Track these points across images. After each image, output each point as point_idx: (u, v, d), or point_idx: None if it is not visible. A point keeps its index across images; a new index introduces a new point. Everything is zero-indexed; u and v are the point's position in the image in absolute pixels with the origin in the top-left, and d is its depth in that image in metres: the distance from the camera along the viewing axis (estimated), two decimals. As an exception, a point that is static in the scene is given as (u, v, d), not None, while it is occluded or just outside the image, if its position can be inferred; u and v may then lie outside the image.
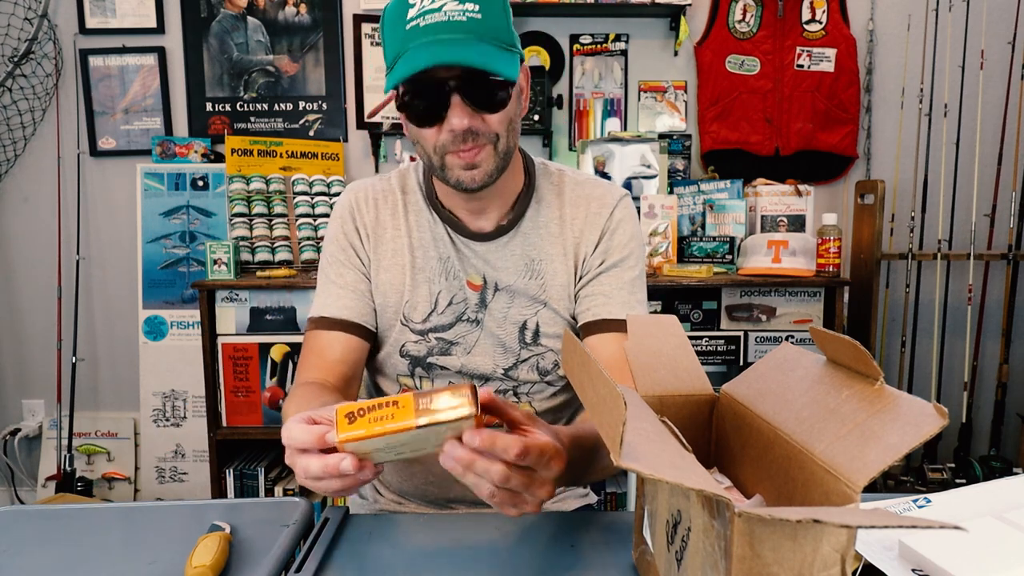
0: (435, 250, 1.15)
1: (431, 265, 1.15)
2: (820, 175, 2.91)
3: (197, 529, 0.83)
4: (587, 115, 2.93)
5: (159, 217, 2.88)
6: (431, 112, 0.98)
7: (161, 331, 2.89)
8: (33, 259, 3.02)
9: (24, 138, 2.93)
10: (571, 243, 1.15)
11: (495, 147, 1.02)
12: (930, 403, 0.51)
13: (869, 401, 0.57)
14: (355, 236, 1.17)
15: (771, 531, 0.50)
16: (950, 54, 2.77)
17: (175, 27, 2.91)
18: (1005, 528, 0.67)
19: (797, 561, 0.50)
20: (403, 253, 1.16)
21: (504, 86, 0.98)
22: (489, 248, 1.15)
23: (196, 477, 2.88)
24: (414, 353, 1.17)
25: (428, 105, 0.98)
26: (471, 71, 0.95)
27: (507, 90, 0.99)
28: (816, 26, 2.83)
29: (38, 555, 0.82)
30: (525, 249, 1.15)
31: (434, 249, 1.15)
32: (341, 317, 1.14)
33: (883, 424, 0.54)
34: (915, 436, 0.50)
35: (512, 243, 1.15)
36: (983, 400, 2.90)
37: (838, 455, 0.55)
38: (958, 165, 2.82)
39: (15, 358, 3.09)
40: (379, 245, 1.17)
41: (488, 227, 1.15)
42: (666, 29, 2.90)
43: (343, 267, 1.17)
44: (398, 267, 1.16)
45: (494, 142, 1.01)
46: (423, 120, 1.00)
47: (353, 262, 1.17)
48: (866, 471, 0.52)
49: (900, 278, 2.90)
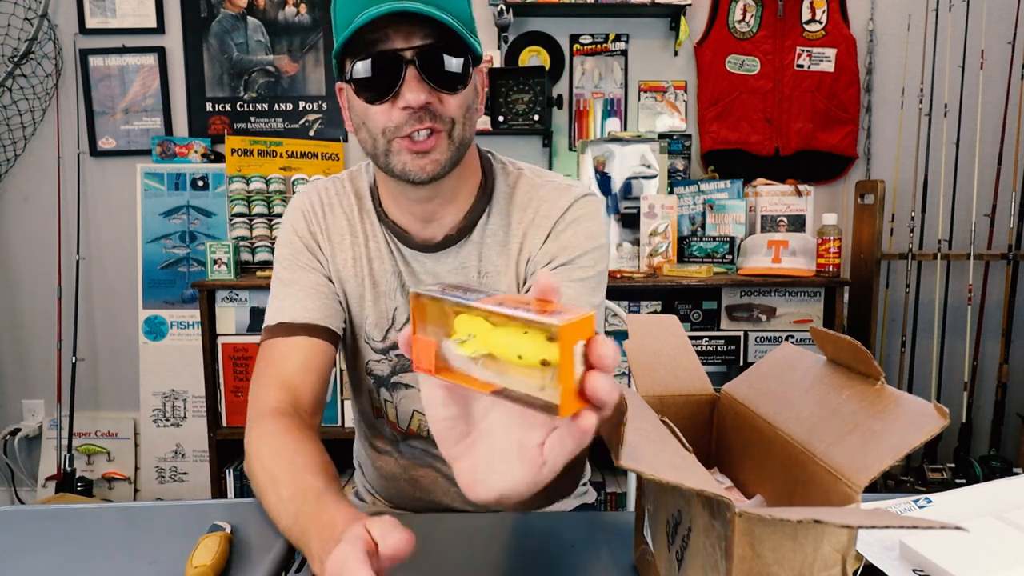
0: (391, 262, 1.07)
1: (387, 279, 1.07)
2: (820, 175, 2.91)
3: (197, 529, 0.82)
4: (587, 115, 2.93)
5: (159, 217, 2.88)
6: (384, 85, 0.89)
7: (161, 331, 2.89)
8: (33, 259, 3.02)
9: (24, 138, 2.93)
10: (514, 251, 1.05)
11: (450, 135, 0.93)
12: (930, 403, 0.51)
13: (870, 401, 0.57)
14: (311, 240, 1.08)
15: (772, 531, 0.50)
16: (950, 54, 2.77)
17: (175, 27, 2.91)
18: (1006, 528, 0.67)
19: (798, 561, 0.50)
20: (361, 264, 1.07)
21: (465, 67, 0.91)
22: (438, 260, 1.06)
23: (196, 477, 2.88)
24: (378, 372, 1.11)
25: (381, 76, 0.89)
26: (430, 43, 0.88)
27: (468, 70, 0.92)
28: (816, 26, 2.83)
29: (38, 555, 0.82)
30: (473, 261, 1.06)
31: (390, 261, 1.07)
32: (302, 321, 1.02)
33: (884, 424, 0.54)
34: (916, 436, 0.51)
35: (461, 254, 1.05)
36: (983, 400, 2.90)
37: (839, 455, 0.55)
38: (958, 165, 2.82)
39: (15, 358, 3.08)
40: (336, 253, 1.08)
41: (437, 236, 1.05)
42: (666, 29, 2.90)
43: (301, 270, 1.07)
44: (357, 279, 1.07)
45: (449, 129, 0.92)
46: (374, 93, 0.90)
47: (312, 264, 1.07)
48: (867, 471, 0.52)
49: (900, 278, 2.90)
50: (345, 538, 0.62)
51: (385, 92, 0.90)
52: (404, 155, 0.92)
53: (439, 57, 0.89)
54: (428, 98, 0.89)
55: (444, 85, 0.91)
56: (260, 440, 0.89)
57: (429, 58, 0.88)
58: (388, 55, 0.88)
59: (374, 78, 0.89)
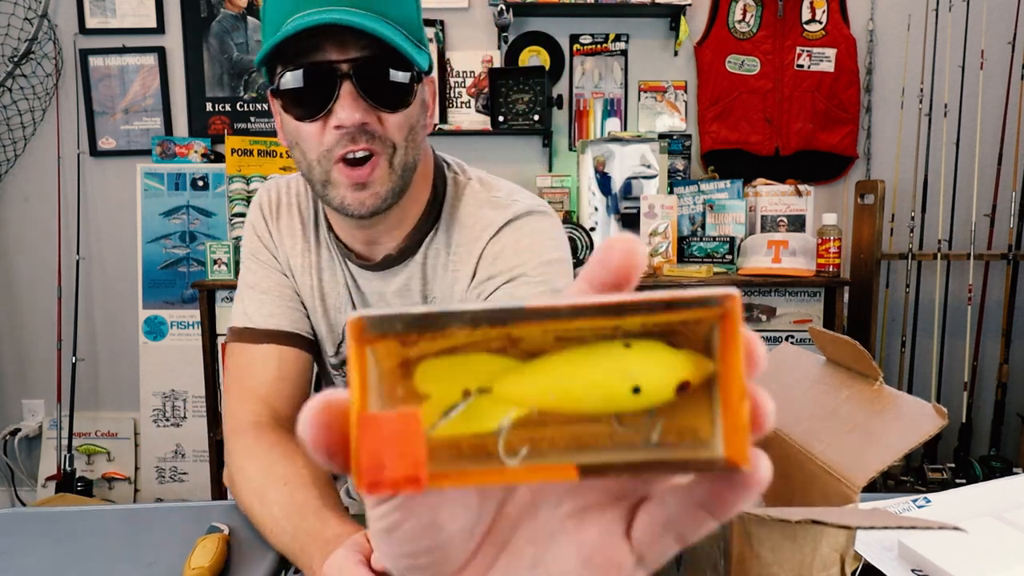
0: (341, 275, 1.00)
1: (337, 291, 1.00)
2: (820, 175, 2.91)
3: (196, 530, 0.82)
4: (587, 115, 2.93)
5: (159, 217, 2.88)
6: (315, 100, 0.79)
7: (161, 331, 2.89)
8: (33, 259, 3.02)
9: (24, 138, 2.93)
10: (459, 272, 0.96)
11: (391, 162, 0.82)
12: (929, 403, 0.51)
13: (868, 401, 0.57)
14: (268, 238, 1.02)
15: (770, 532, 0.50)
16: (950, 54, 2.77)
17: (175, 27, 2.91)
18: (1004, 528, 0.67)
19: (796, 561, 0.50)
20: (312, 272, 1.01)
21: (408, 82, 0.81)
22: (383, 279, 0.98)
23: (196, 477, 2.88)
24: (340, 384, 1.06)
25: (313, 91, 0.78)
26: (368, 56, 0.78)
27: (411, 86, 0.82)
28: (816, 26, 2.83)
29: (36, 557, 0.82)
30: (417, 283, 0.98)
31: (341, 274, 1.00)
32: (268, 327, 0.96)
33: (882, 424, 0.54)
34: (914, 436, 0.50)
35: (404, 274, 0.97)
36: (983, 400, 2.89)
37: (837, 455, 0.55)
38: (958, 165, 2.82)
39: (15, 358, 3.08)
40: (291, 256, 1.01)
41: (377, 256, 0.96)
42: (666, 29, 2.90)
43: (264, 268, 1.01)
44: (308, 287, 1.01)
45: (389, 154, 0.82)
46: (304, 111, 0.80)
47: (271, 263, 1.01)
48: (865, 471, 0.52)
49: (900, 278, 2.90)
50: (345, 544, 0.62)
51: (317, 109, 0.80)
52: (342, 188, 0.82)
53: (379, 71, 0.79)
54: (364, 117, 0.79)
55: (384, 103, 0.81)
56: (245, 457, 0.86)
57: (368, 72, 0.79)
58: (321, 67, 0.78)
59: (305, 93, 0.79)
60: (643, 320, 0.25)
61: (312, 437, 0.24)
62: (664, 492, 0.28)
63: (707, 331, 0.26)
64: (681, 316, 0.25)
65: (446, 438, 0.27)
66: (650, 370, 0.26)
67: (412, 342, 0.26)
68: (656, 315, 0.25)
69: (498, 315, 0.24)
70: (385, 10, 0.79)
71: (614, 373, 0.25)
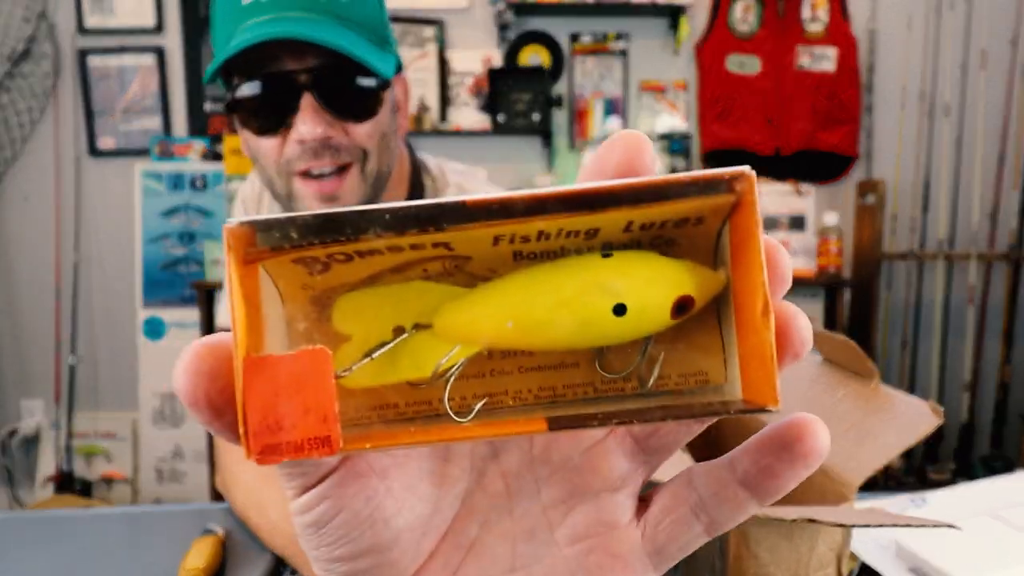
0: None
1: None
2: (821, 175, 2.90)
3: (192, 533, 0.82)
4: (587, 115, 2.93)
5: (158, 217, 2.88)
6: (273, 114, 0.74)
7: (160, 331, 2.89)
8: (32, 259, 3.01)
9: (23, 138, 2.93)
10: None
11: (362, 170, 0.77)
12: (925, 402, 0.51)
13: (865, 401, 0.57)
14: None
15: (767, 531, 0.49)
16: (951, 53, 2.77)
17: (174, 27, 2.91)
18: (1001, 527, 0.67)
19: (793, 561, 0.50)
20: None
21: (374, 88, 0.76)
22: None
23: (195, 478, 2.88)
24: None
25: (269, 105, 0.73)
26: (329, 64, 0.72)
27: (378, 93, 0.76)
28: (817, 25, 2.82)
29: (31, 561, 0.82)
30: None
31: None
32: None
33: (879, 424, 0.54)
34: (911, 435, 0.50)
35: None
36: (984, 400, 2.89)
37: (833, 455, 0.55)
38: (960, 165, 2.82)
39: (14, 358, 3.08)
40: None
41: None
42: (666, 28, 2.89)
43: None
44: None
45: (361, 162, 0.77)
46: (262, 125, 0.75)
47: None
48: (861, 471, 0.51)
49: (901, 278, 2.89)
50: None
51: (275, 123, 0.74)
52: (308, 200, 0.77)
53: (342, 80, 0.74)
54: (328, 131, 0.74)
55: (349, 113, 0.75)
56: (239, 462, 0.84)
57: (329, 82, 0.73)
58: (278, 79, 0.72)
59: (262, 106, 0.74)
60: (627, 217, 0.18)
61: (188, 388, 0.18)
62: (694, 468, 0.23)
63: (714, 239, 0.20)
64: (679, 208, 0.18)
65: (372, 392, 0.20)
66: (637, 283, 0.19)
67: (319, 262, 0.19)
68: (644, 208, 0.18)
69: (430, 213, 0.17)
70: (344, 12, 0.73)
71: (589, 287, 0.19)
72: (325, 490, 0.21)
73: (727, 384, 0.20)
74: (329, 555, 0.23)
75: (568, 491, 0.24)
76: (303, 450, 0.17)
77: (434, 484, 0.24)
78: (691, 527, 0.23)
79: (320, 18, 0.72)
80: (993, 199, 2.77)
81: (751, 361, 0.19)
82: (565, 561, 0.24)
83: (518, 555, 0.24)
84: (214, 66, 0.73)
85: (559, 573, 0.24)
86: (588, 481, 0.24)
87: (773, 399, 0.18)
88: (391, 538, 0.23)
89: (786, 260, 0.20)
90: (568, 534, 0.24)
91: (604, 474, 0.24)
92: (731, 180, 0.18)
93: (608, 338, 0.19)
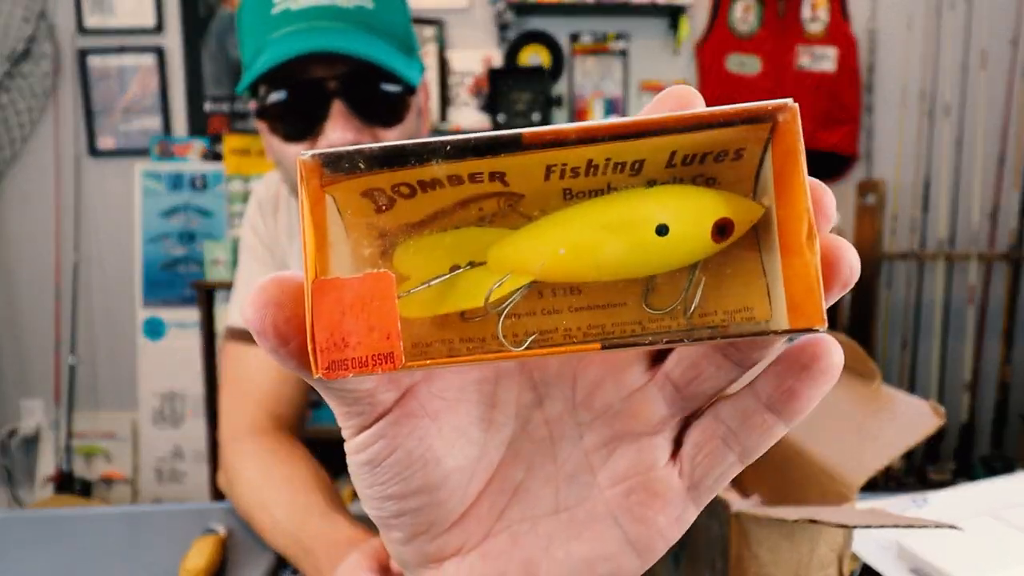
0: None
1: None
2: (821, 175, 2.90)
3: (192, 533, 0.82)
4: (587, 115, 2.93)
5: (158, 217, 2.88)
6: (303, 121, 0.75)
7: (160, 331, 2.88)
8: (32, 259, 3.01)
9: (22, 138, 2.93)
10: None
11: None
12: (927, 402, 0.51)
13: (866, 401, 0.57)
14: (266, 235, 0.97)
15: (768, 531, 0.49)
16: (951, 53, 2.77)
17: (174, 26, 2.91)
18: (1002, 527, 0.67)
19: (794, 561, 0.50)
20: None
21: (402, 94, 0.77)
22: None
23: (195, 478, 2.88)
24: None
25: (298, 112, 0.74)
26: (358, 71, 0.73)
27: (405, 99, 0.78)
28: (817, 25, 2.82)
29: (32, 561, 0.82)
30: None
31: None
32: None
33: (880, 424, 0.53)
34: (912, 436, 0.50)
35: None
36: (985, 400, 2.89)
37: (835, 455, 0.55)
38: (960, 165, 2.82)
39: (14, 358, 3.08)
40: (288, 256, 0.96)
41: None
42: (666, 28, 2.89)
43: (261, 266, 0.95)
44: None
45: None
46: (291, 132, 0.76)
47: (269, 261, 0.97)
48: (862, 471, 0.51)
49: (901, 278, 2.89)
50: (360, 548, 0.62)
51: (305, 131, 0.75)
52: None
53: (372, 87, 0.75)
54: (358, 137, 0.75)
55: (378, 120, 0.76)
56: (243, 460, 0.85)
57: (358, 89, 0.74)
58: (308, 86, 0.73)
59: (291, 112, 0.75)
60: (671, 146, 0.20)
61: (257, 319, 0.19)
62: (719, 403, 0.24)
63: (754, 174, 0.21)
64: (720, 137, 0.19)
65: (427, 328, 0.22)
66: (678, 205, 0.20)
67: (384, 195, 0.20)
68: (688, 135, 0.19)
69: (488, 143, 0.19)
70: (373, 20, 0.74)
71: (634, 211, 0.20)
72: (380, 429, 0.22)
73: (772, 321, 0.21)
74: (382, 493, 0.24)
75: (609, 435, 0.25)
76: (367, 365, 0.18)
77: (482, 429, 0.25)
78: (725, 458, 0.24)
79: (350, 28, 0.72)
80: (993, 199, 2.77)
81: (796, 284, 0.19)
82: (606, 502, 0.25)
83: (561, 497, 0.26)
84: (248, 79, 0.74)
85: (601, 514, 0.25)
86: (629, 425, 0.25)
87: (820, 319, 0.18)
88: (441, 478, 0.24)
89: (829, 196, 0.20)
90: (609, 476, 0.25)
91: (644, 419, 0.25)
92: (775, 111, 0.19)
93: (653, 262, 0.20)
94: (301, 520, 0.75)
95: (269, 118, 0.77)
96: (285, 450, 0.85)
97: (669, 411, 0.25)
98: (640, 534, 0.24)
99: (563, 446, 0.26)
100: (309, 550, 0.71)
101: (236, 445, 0.88)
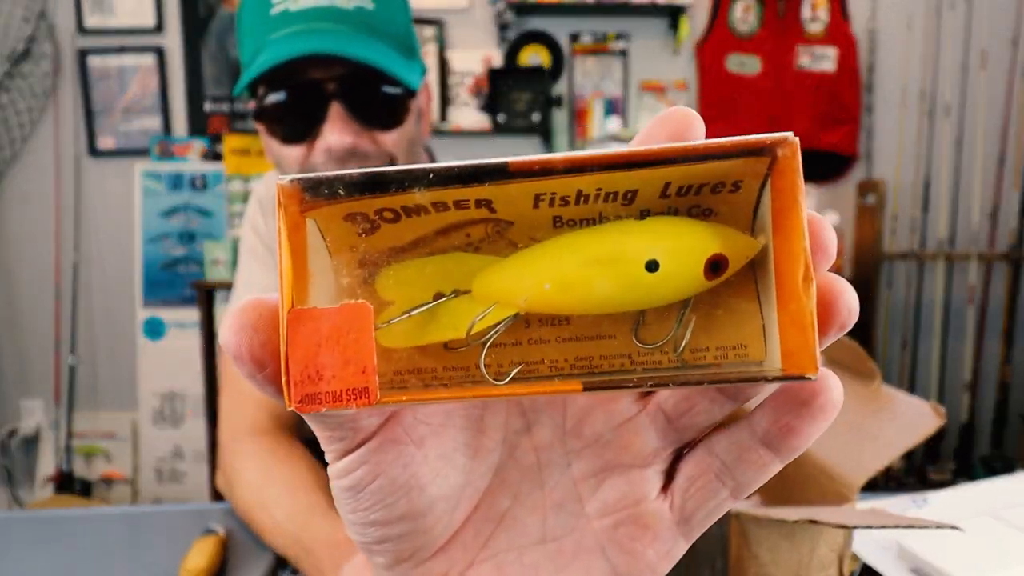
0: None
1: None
2: (821, 175, 2.91)
3: (192, 533, 0.82)
4: (587, 115, 2.92)
5: (158, 217, 2.88)
6: (301, 123, 0.74)
7: (160, 331, 2.88)
8: (32, 259, 3.01)
9: (22, 138, 2.93)
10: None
11: None
12: (927, 403, 0.51)
13: (866, 401, 0.57)
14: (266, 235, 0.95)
15: (768, 532, 0.49)
16: (951, 53, 2.76)
17: (174, 27, 2.91)
18: (1002, 527, 0.67)
19: (794, 562, 0.50)
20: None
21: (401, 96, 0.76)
22: None
23: (195, 478, 2.88)
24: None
25: (296, 114, 0.74)
26: (357, 73, 0.72)
27: (405, 101, 0.77)
28: (817, 25, 2.82)
29: (32, 561, 0.82)
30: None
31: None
32: None
33: (880, 424, 0.53)
34: (913, 436, 0.50)
35: None
36: (985, 400, 2.89)
37: (835, 455, 0.55)
38: (960, 165, 2.82)
39: (14, 358, 3.08)
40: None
41: None
42: (666, 28, 2.89)
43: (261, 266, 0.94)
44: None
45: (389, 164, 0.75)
46: (289, 134, 0.75)
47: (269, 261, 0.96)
48: (862, 471, 0.51)
49: (901, 278, 2.89)
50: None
51: (303, 133, 0.75)
52: None
53: (371, 90, 0.74)
54: (356, 140, 0.74)
55: (377, 122, 0.75)
56: (243, 461, 0.85)
57: (357, 92, 0.73)
58: (306, 88, 0.72)
59: (289, 114, 0.74)
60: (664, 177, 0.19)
61: (234, 343, 0.19)
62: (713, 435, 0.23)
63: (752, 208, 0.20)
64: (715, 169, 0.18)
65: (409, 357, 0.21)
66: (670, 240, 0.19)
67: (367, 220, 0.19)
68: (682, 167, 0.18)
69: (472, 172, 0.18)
70: (373, 22, 0.74)
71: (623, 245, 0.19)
72: (363, 455, 0.22)
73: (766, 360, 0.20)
74: (364, 519, 0.23)
75: (599, 465, 0.25)
76: (342, 400, 0.18)
77: (468, 455, 0.24)
78: (717, 493, 0.23)
79: (349, 30, 0.72)
80: (993, 199, 2.77)
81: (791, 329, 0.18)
82: (594, 533, 0.24)
83: (548, 527, 0.25)
84: (246, 80, 0.73)
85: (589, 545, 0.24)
86: (619, 456, 0.24)
87: (812, 367, 0.18)
88: (425, 505, 0.23)
89: (829, 232, 0.20)
90: (598, 507, 0.25)
91: (635, 450, 0.24)
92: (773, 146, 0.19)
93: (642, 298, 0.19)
94: (302, 520, 0.75)
95: (267, 119, 0.76)
96: (285, 450, 0.85)
97: (661, 443, 0.24)
98: (628, 568, 0.24)
99: (551, 474, 0.25)
100: (310, 550, 0.71)
101: (236, 445, 0.88)
